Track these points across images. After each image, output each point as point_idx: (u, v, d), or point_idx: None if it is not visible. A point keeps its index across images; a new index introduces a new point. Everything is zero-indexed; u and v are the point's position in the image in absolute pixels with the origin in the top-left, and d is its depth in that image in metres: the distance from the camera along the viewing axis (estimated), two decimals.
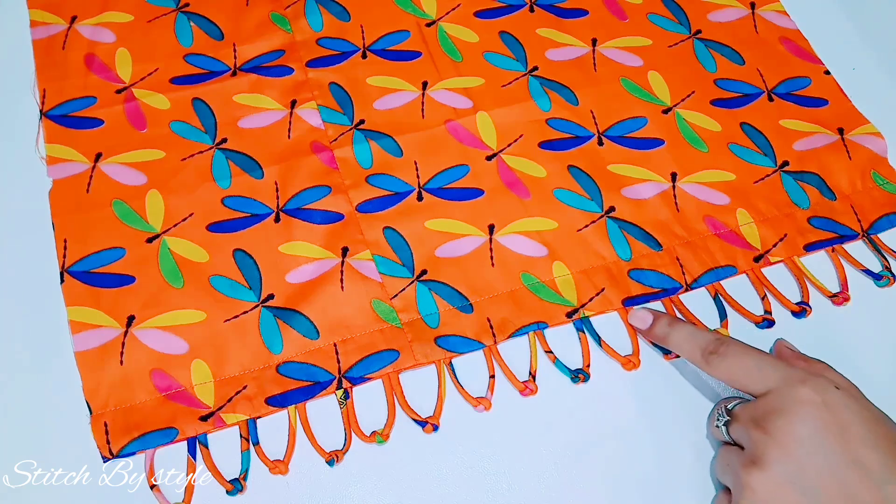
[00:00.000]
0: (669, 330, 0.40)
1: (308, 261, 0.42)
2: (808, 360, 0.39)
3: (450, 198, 0.45)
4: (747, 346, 0.38)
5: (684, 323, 0.40)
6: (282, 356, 0.40)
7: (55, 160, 0.44)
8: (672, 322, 0.40)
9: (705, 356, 0.38)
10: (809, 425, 0.34)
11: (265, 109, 0.47)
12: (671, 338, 0.40)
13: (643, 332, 0.41)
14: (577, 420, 0.40)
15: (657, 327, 0.41)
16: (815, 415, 0.34)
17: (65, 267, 0.41)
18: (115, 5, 0.50)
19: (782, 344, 0.42)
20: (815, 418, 0.34)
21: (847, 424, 0.34)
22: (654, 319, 0.41)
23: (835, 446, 0.33)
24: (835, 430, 0.33)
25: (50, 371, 0.39)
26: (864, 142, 0.49)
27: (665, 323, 0.40)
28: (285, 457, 0.38)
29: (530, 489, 0.38)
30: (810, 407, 0.34)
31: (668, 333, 0.40)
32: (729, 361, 0.37)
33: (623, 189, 0.46)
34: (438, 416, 0.39)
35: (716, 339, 0.38)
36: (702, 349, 0.38)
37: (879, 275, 0.45)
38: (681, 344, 0.39)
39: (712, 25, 0.53)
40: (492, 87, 0.49)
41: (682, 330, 0.40)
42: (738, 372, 0.37)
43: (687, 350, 0.39)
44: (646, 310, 0.42)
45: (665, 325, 0.40)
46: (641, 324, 0.41)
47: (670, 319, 0.41)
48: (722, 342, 0.38)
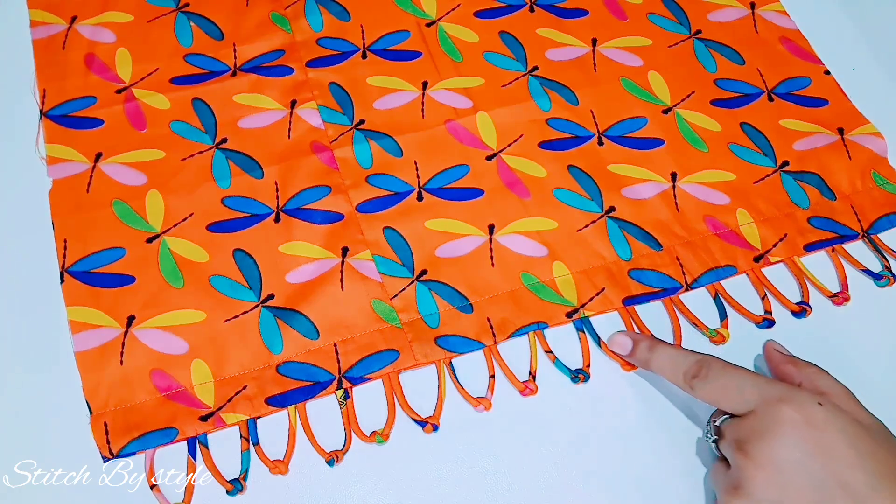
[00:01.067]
0: (650, 355, 0.39)
1: (308, 261, 0.42)
2: (797, 363, 0.39)
3: (450, 198, 0.45)
4: (728, 366, 0.37)
5: (665, 346, 0.39)
6: (282, 356, 0.40)
7: (55, 160, 0.44)
8: (652, 346, 0.39)
9: (687, 380, 0.37)
10: (791, 448, 0.33)
11: (265, 109, 0.47)
12: (653, 363, 0.39)
13: (624, 357, 0.40)
14: (577, 420, 0.40)
15: (638, 352, 0.40)
16: (796, 436, 0.33)
17: (65, 267, 0.41)
18: (115, 5, 0.50)
19: (772, 346, 0.41)
20: (798, 439, 0.33)
21: (831, 444, 0.32)
22: (633, 344, 0.40)
23: (818, 469, 0.32)
24: (818, 451, 0.32)
25: (50, 371, 0.39)
26: (864, 142, 0.49)
27: (645, 347, 0.39)
28: (285, 457, 0.38)
29: (530, 489, 0.38)
30: (791, 427, 0.33)
31: (650, 359, 0.39)
32: (710, 384, 0.36)
33: (623, 189, 0.46)
34: (438, 416, 0.39)
35: (696, 362, 0.37)
36: (683, 373, 0.37)
37: (879, 275, 0.45)
38: (663, 369, 0.38)
39: (712, 25, 0.53)
40: (492, 87, 0.49)
41: (662, 354, 0.39)
42: (720, 394, 0.36)
43: (669, 375, 0.38)
44: (624, 334, 0.41)
45: (645, 349, 0.39)
46: (621, 349, 0.40)
47: (651, 343, 0.40)
48: (703, 364, 0.37)
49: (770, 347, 0.41)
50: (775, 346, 0.41)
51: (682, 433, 0.40)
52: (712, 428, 0.37)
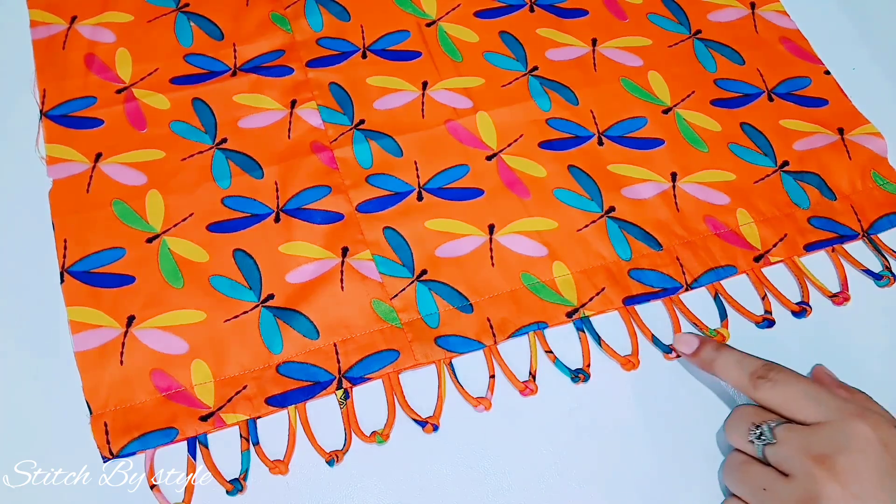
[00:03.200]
0: (716, 355, 0.39)
1: (308, 261, 0.42)
2: (848, 389, 0.38)
3: (450, 198, 0.45)
4: (797, 374, 0.37)
5: (731, 348, 0.39)
6: (282, 356, 0.40)
7: (55, 160, 0.44)
8: (719, 347, 0.39)
9: (753, 381, 0.37)
10: (871, 465, 0.32)
11: (265, 109, 0.47)
12: (717, 363, 0.38)
13: (687, 356, 0.40)
14: (577, 420, 0.40)
15: (703, 352, 0.39)
16: (876, 454, 0.33)
17: (65, 267, 0.41)
18: (115, 5, 0.50)
19: (822, 370, 0.41)
20: (877, 458, 0.33)
21: None
22: (700, 344, 0.40)
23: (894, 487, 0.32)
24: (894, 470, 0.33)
25: (50, 371, 0.39)
26: (864, 142, 0.49)
27: (711, 348, 0.39)
28: (285, 457, 0.38)
29: (530, 489, 0.38)
30: (869, 445, 0.33)
31: (715, 358, 0.39)
32: (779, 388, 0.36)
33: (623, 189, 0.46)
34: (438, 416, 0.39)
35: (765, 365, 0.37)
36: (750, 373, 0.37)
37: (879, 275, 0.45)
38: (728, 369, 0.38)
39: (712, 25, 0.53)
40: (492, 87, 0.49)
41: (729, 355, 0.38)
42: (790, 399, 0.36)
43: (734, 375, 0.38)
44: (692, 335, 0.41)
45: (711, 350, 0.39)
46: (687, 348, 0.40)
47: (716, 345, 0.39)
48: (771, 368, 0.37)
49: (820, 371, 0.41)
50: (825, 371, 0.41)
51: (682, 433, 0.40)
52: (768, 432, 0.35)
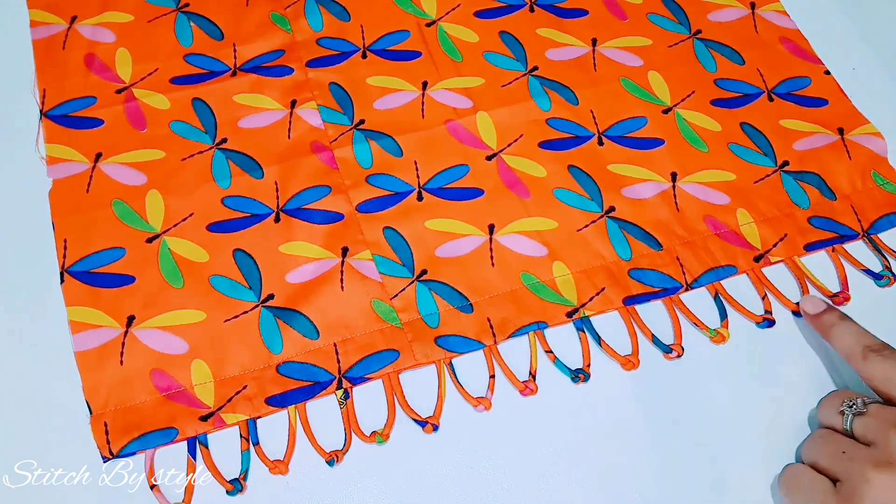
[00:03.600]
0: (837, 321, 0.40)
1: (308, 261, 0.42)
2: None
3: (450, 198, 0.45)
4: None
5: (852, 321, 0.40)
6: (282, 356, 0.40)
7: (55, 160, 0.44)
8: (842, 316, 0.41)
9: (865, 352, 0.38)
10: None
11: (265, 109, 0.47)
12: (836, 329, 0.40)
13: (810, 316, 0.42)
14: (577, 420, 0.40)
15: (826, 317, 0.41)
16: None
17: (65, 267, 0.41)
18: (115, 5, 0.50)
19: None
20: None
21: None
22: (826, 309, 0.41)
23: None
24: None
25: (50, 371, 0.39)
26: (864, 142, 0.49)
27: (836, 316, 0.41)
28: (285, 457, 0.38)
29: (530, 489, 0.38)
30: None
31: (835, 324, 0.40)
32: (888, 364, 0.37)
33: (623, 189, 0.46)
34: (438, 416, 0.39)
35: (882, 342, 0.38)
36: (866, 345, 0.38)
37: (880, 275, 0.45)
38: (844, 337, 0.39)
39: (712, 25, 0.53)
40: (492, 87, 0.49)
41: (850, 325, 0.40)
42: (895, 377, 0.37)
43: (849, 343, 0.39)
44: (821, 299, 0.42)
45: (835, 317, 0.41)
46: (812, 308, 0.42)
47: (841, 314, 0.41)
48: (887, 346, 0.38)
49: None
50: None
51: (682, 433, 0.40)
52: (861, 402, 0.37)
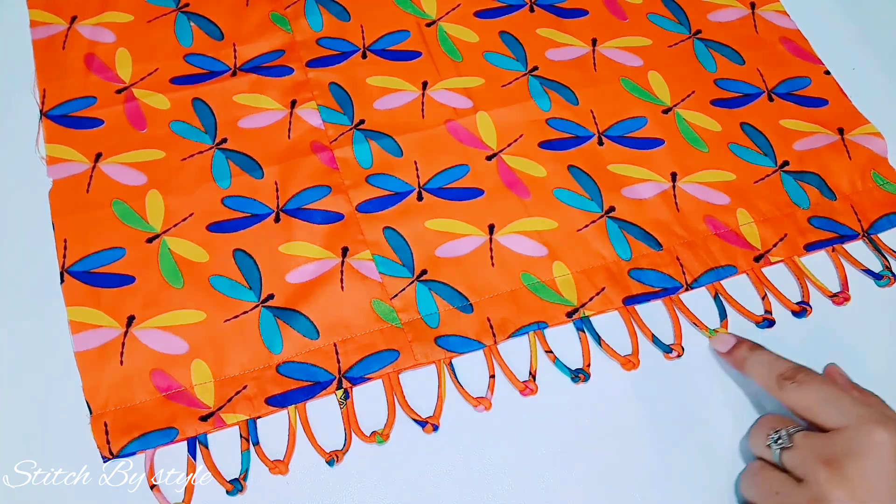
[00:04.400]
0: (748, 354, 0.40)
1: (308, 261, 0.42)
2: (861, 389, 0.38)
3: (450, 198, 0.45)
4: (825, 379, 0.37)
5: (764, 350, 0.40)
6: (282, 356, 0.40)
7: (55, 160, 0.44)
8: (753, 348, 0.40)
9: (780, 382, 0.37)
10: (883, 472, 0.33)
11: (265, 109, 0.47)
12: (749, 362, 0.39)
13: (723, 354, 0.41)
14: (577, 420, 0.40)
15: (738, 351, 0.40)
16: (890, 461, 0.33)
17: (65, 267, 0.41)
18: (115, 5, 0.50)
19: (835, 370, 0.41)
20: (890, 465, 0.33)
21: None
22: (735, 343, 0.41)
23: None
24: None
25: (50, 371, 0.39)
26: (864, 142, 0.49)
27: (746, 348, 0.40)
28: (285, 457, 0.38)
29: (530, 489, 0.38)
30: (885, 452, 0.33)
31: (747, 357, 0.40)
32: (804, 391, 0.36)
33: (623, 189, 0.46)
34: (438, 416, 0.39)
35: (794, 368, 0.38)
36: (778, 374, 0.38)
37: (880, 275, 0.45)
38: (758, 368, 0.39)
39: (712, 25, 0.53)
40: (492, 87, 0.49)
41: (761, 356, 0.39)
42: (813, 402, 0.36)
43: (763, 374, 0.38)
44: (730, 335, 0.41)
45: (745, 349, 0.40)
46: (723, 346, 0.41)
47: (751, 345, 0.40)
48: (799, 370, 0.37)
49: (833, 370, 0.41)
50: (838, 371, 0.41)
51: (682, 433, 0.40)
52: (786, 436, 0.36)
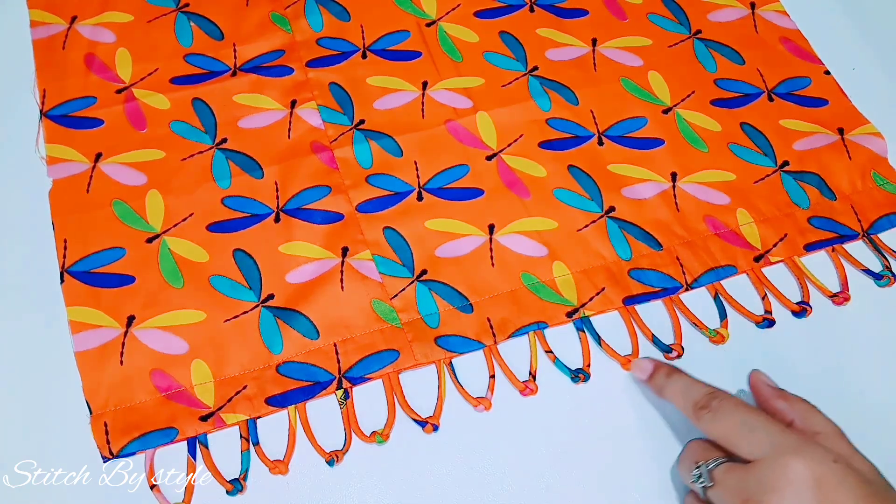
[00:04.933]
0: (665, 382, 0.39)
1: (308, 261, 0.42)
2: (788, 398, 0.38)
3: (450, 198, 0.45)
4: (741, 404, 0.36)
5: (680, 375, 0.39)
6: (282, 356, 0.40)
7: (55, 160, 0.44)
8: (669, 373, 0.39)
9: (696, 411, 0.36)
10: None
11: (265, 109, 0.47)
12: (666, 389, 0.39)
13: (643, 381, 0.40)
14: (577, 420, 0.40)
15: (656, 378, 0.40)
16: (807, 494, 0.32)
17: (65, 267, 0.41)
18: (115, 5, 0.50)
19: (759, 379, 0.40)
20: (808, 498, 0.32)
21: None
22: (653, 370, 0.40)
23: None
24: None
25: (50, 371, 0.39)
26: (864, 142, 0.49)
27: (663, 374, 0.39)
28: (285, 457, 0.38)
29: (530, 489, 0.38)
30: (802, 486, 0.32)
31: (664, 385, 0.39)
32: (719, 420, 0.35)
33: (623, 189, 0.46)
34: (438, 416, 0.39)
35: (708, 394, 0.37)
36: (693, 403, 0.37)
37: (880, 275, 0.45)
38: (675, 396, 0.38)
39: (712, 25, 0.53)
40: (492, 87, 0.49)
41: (677, 382, 0.39)
42: (728, 432, 0.35)
43: (680, 403, 0.38)
44: (648, 360, 0.41)
45: (663, 376, 0.39)
46: (642, 374, 0.40)
47: (669, 370, 0.39)
48: (714, 397, 0.36)
49: (757, 379, 0.40)
50: (763, 379, 0.40)
51: (681, 433, 0.40)
52: (706, 474, 0.35)
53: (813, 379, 0.41)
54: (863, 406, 0.40)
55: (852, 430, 0.39)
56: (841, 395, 0.40)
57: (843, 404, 0.39)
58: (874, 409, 0.41)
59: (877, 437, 0.38)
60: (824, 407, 0.38)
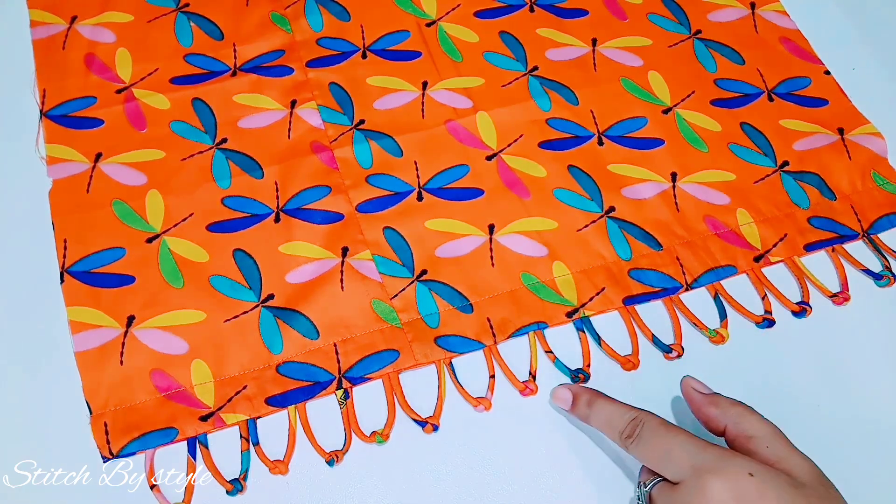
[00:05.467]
0: (588, 411, 0.38)
1: (308, 261, 0.42)
2: (720, 403, 0.36)
3: (450, 198, 0.45)
4: (663, 427, 0.35)
5: (604, 402, 0.38)
6: (282, 356, 0.40)
7: (55, 160, 0.44)
8: (591, 401, 0.38)
9: (623, 441, 0.36)
10: None
11: (265, 109, 0.47)
12: (591, 419, 0.38)
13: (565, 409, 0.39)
14: (577, 420, 0.40)
15: (578, 407, 0.38)
16: None
17: (65, 267, 0.41)
18: (115, 5, 0.50)
19: (690, 385, 0.38)
20: None
21: None
22: (574, 399, 0.39)
23: None
24: None
25: (50, 371, 0.39)
26: (864, 142, 0.49)
27: (584, 403, 0.38)
28: (285, 457, 0.38)
29: (530, 489, 0.38)
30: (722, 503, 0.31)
31: (588, 415, 0.38)
32: (643, 446, 0.35)
33: (623, 189, 0.46)
34: (438, 416, 0.39)
35: (631, 421, 0.36)
36: (619, 433, 0.36)
37: (879, 275, 0.45)
38: (601, 427, 0.37)
39: (712, 25, 0.53)
40: (492, 87, 0.49)
41: (600, 413, 0.37)
42: (651, 457, 0.34)
43: (608, 433, 0.37)
44: (566, 387, 0.39)
45: (584, 405, 0.38)
46: (563, 404, 0.39)
47: (590, 398, 0.38)
48: (637, 423, 0.35)
49: (688, 386, 0.38)
50: (694, 385, 0.38)
51: None
52: (644, 493, 0.35)
53: (813, 379, 0.42)
54: (863, 406, 0.40)
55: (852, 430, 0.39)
56: (841, 396, 0.40)
57: (843, 404, 0.39)
58: (874, 409, 0.41)
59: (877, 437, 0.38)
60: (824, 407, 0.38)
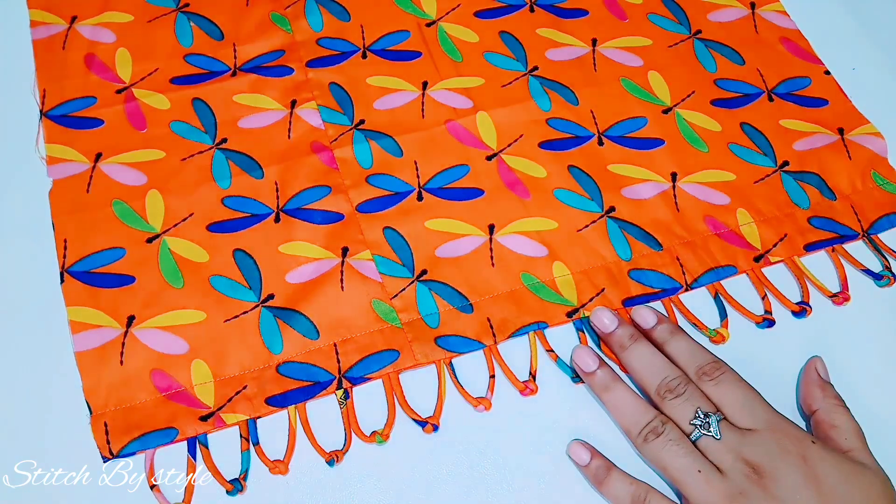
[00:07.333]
0: (670, 337, 0.40)
1: (308, 261, 0.42)
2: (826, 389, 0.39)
3: (450, 198, 0.45)
4: (739, 378, 0.38)
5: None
6: (282, 356, 0.40)
7: (55, 160, 0.44)
8: (674, 331, 0.40)
9: (699, 376, 0.38)
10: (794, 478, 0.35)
11: (265, 109, 0.47)
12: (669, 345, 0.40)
13: (645, 330, 0.41)
14: (577, 420, 0.40)
15: (658, 331, 0.40)
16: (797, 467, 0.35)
17: (65, 267, 0.41)
18: (115, 5, 0.50)
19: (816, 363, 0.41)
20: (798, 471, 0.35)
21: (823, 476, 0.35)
22: (657, 321, 0.41)
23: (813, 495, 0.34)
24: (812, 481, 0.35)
25: (50, 371, 0.39)
26: (864, 142, 0.49)
27: (667, 329, 0.40)
28: (285, 457, 0.38)
29: (530, 489, 0.38)
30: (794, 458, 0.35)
31: (668, 340, 0.40)
32: (722, 387, 0.38)
33: (623, 189, 0.46)
34: (438, 416, 0.39)
35: (713, 363, 0.39)
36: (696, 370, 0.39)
37: (879, 275, 0.45)
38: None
39: (712, 25, 0.53)
40: (492, 87, 0.49)
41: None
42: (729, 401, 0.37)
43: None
44: (649, 309, 0.41)
45: (667, 331, 0.40)
46: (644, 322, 0.41)
47: (673, 328, 0.41)
48: (718, 367, 0.38)
49: (813, 364, 0.41)
50: (818, 366, 0.41)
51: None
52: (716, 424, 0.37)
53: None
54: (863, 406, 0.40)
55: None
56: (841, 395, 0.40)
57: None
58: (874, 409, 0.40)
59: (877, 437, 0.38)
60: None
